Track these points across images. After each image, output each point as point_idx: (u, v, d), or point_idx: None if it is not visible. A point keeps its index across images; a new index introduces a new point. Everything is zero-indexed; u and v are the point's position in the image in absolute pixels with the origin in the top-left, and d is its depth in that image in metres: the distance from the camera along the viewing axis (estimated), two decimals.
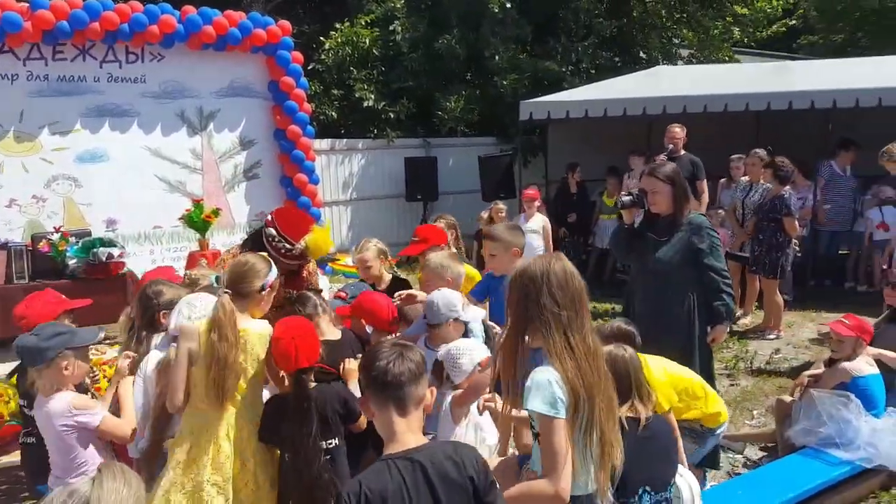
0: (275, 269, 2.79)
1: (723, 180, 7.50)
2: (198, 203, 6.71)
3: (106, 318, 6.10)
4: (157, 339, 3.02)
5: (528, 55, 11.85)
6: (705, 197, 7.01)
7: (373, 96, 10.84)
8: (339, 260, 9.10)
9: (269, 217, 3.38)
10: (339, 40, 10.55)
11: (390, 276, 4.10)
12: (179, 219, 6.86)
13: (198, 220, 6.55)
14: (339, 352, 2.98)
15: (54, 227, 6.22)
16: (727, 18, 13.69)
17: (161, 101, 8.28)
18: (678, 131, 7.01)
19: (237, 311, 2.58)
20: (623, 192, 3.84)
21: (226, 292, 2.60)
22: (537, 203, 7.44)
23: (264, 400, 2.71)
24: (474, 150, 11.96)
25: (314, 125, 9.69)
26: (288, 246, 3.25)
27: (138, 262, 7.03)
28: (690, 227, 3.58)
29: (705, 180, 6.97)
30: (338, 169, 10.85)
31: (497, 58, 11.14)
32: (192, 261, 6.34)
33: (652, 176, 3.60)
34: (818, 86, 7.60)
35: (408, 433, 1.81)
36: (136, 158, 8.06)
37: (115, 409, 2.90)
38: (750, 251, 6.52)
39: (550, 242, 7.34)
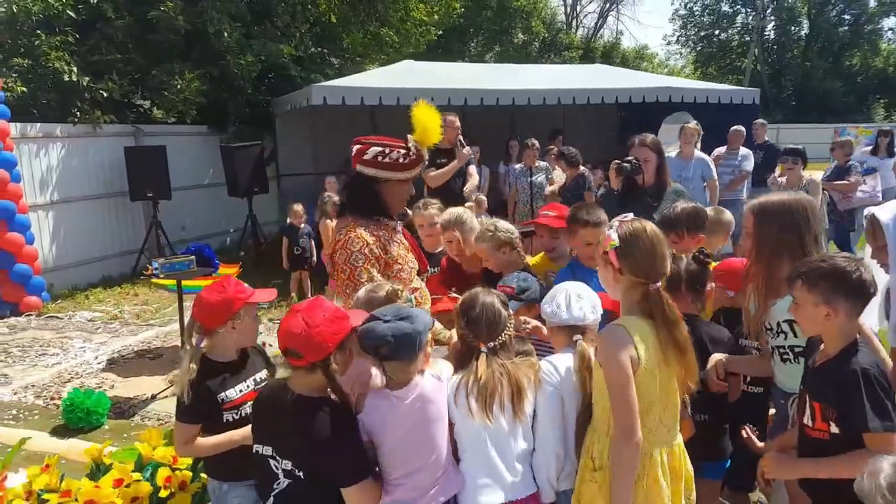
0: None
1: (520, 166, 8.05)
2: None
3: None
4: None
5: (250, 37, 10.85)
6: (475, 180, 7.24)
7: (75, 70, 8.57)
8: None
9: (354, 147, 2.82)
10: None
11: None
12: None
13: None
14: None
15: None
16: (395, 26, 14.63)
17: None
18: (453, 119, 7.05)
19: None
20: (622, 160, 3.97)
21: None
22: None
23: None
24: (189, 140, 10.57)
25: None
26: (403, 151, 2.81)
27: None
28: (676, 193, 3.88)
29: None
30: (32, 162, 8.33)
31: (227, 35, 9.93)
32: None
33: (644, 146, 3.88)
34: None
35: None
36: None
37: None
38: None
39: None
